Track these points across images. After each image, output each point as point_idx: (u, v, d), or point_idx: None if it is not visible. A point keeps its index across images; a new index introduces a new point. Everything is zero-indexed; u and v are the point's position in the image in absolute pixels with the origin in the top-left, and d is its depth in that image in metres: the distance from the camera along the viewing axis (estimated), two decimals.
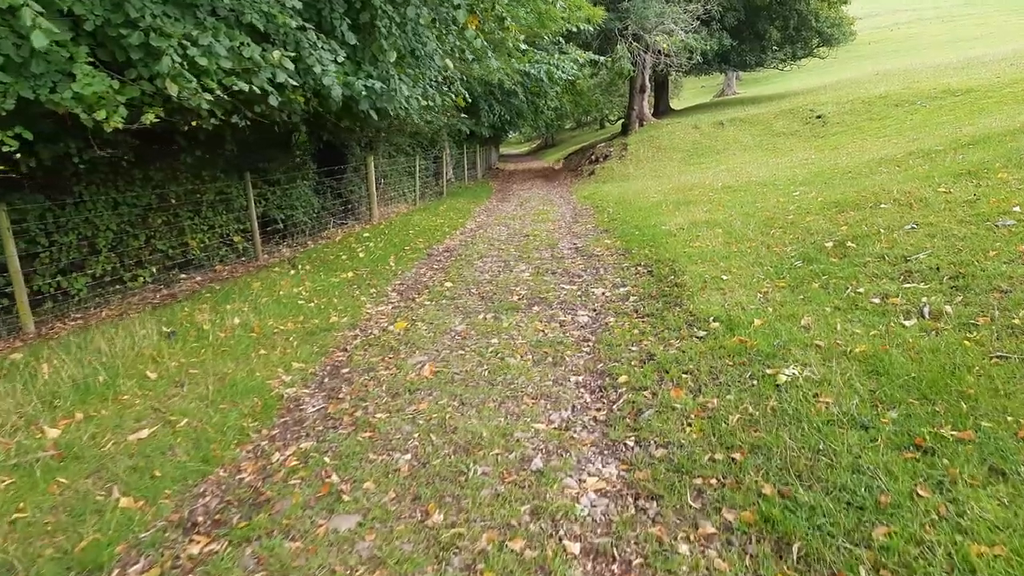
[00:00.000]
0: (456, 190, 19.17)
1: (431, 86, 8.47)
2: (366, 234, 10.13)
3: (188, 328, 5.14)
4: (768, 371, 3.37)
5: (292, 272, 7.35)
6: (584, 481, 2.75)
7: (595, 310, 5.27)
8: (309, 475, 3.00)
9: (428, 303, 5.89)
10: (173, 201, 8.55)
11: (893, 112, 15.34)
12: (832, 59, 29.35)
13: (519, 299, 5.76)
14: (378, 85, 6.38)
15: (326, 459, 3.12)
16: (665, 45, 20.88)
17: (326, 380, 4.23)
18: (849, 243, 5.12)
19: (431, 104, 7.95)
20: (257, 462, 3.20)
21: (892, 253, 4.63)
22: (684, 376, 3.59)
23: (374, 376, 4.18)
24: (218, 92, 4.89)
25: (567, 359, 4.19)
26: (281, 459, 3.21)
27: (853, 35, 26.15)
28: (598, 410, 3.44)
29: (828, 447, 2.61)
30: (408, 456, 3.08)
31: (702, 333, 4.16)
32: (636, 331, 4.53)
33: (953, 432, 2.53)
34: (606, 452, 2.99)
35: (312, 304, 5.90)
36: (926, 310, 3.66)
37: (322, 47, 6.02)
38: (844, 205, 6.31)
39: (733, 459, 2.69)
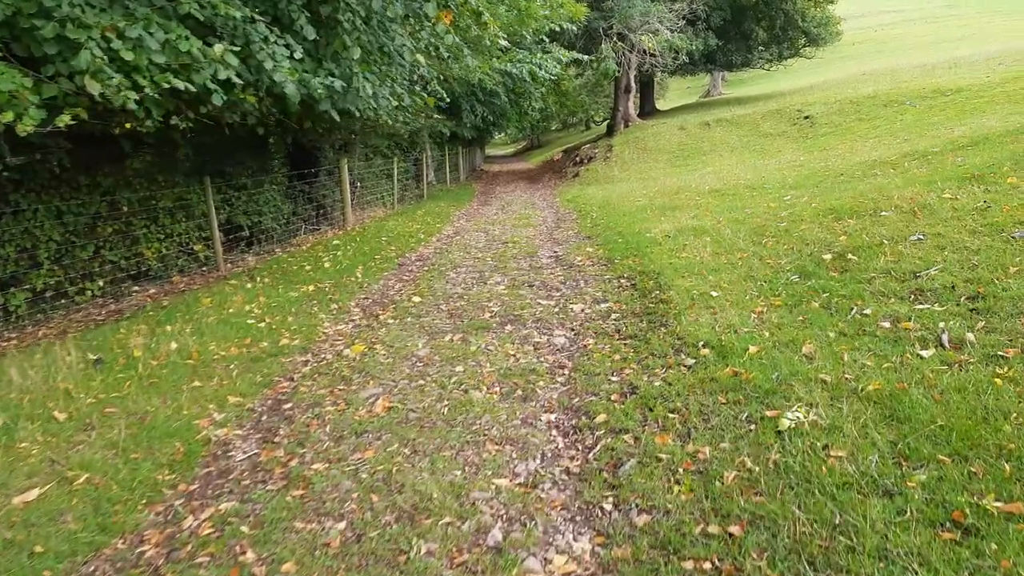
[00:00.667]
0: (437, 193, 18.65)
1: (401, 85, 7.96)
2: (336, 241, 9.58)
3: (118, 354, 4.59)
4: (768, 413, 2.89)
5: (249, 285, 6.81)
6: (550, 561, 2.26)
7: (573, 330, 4.79)
8: (220, 550, 2.48)
9: (392, 321, 5.37)
10: (125, 209, 7.97)
11: (882, 112, 15.03)
12: (817, 60, 29.16)
13: (491, 317, 5.26)
14: (338, 84, 5.85)
15: (244, 528, 2.60)
16: (650, 44, 20.50)
17: (264, 418, 3.71)
18: (850, 255, 4.67)
19: (401, 104, 7.42)
20: (165, 529, 2.68)
21: (899, 268, 4.19)
22: (671, 416, 3.11)
23: (319, 414, 3.66)
24: (148, 90, 4.35)
25: (539, 392, 3.70)
26: (194, 525, 2.68)
27: (839, 35, 25.94)
28: (572, 459, 2.95)
29: (846, 521, 2.13)
30: (342, 525, 2.57)
31: (691, 361, 3.69)
32: (617, 356, 4.05)
33: (997, 504, 2.07)
34: (579, 519, 2.50)
35: (263, 324, 5.36)
36: (945, 338, 3.21)
37: (275, 41, 5.49)
38: (841, 212, 5.88)
39: (730, 534, 2.21)
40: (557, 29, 16.10)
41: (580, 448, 3.03)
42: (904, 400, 2.73)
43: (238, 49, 4.86)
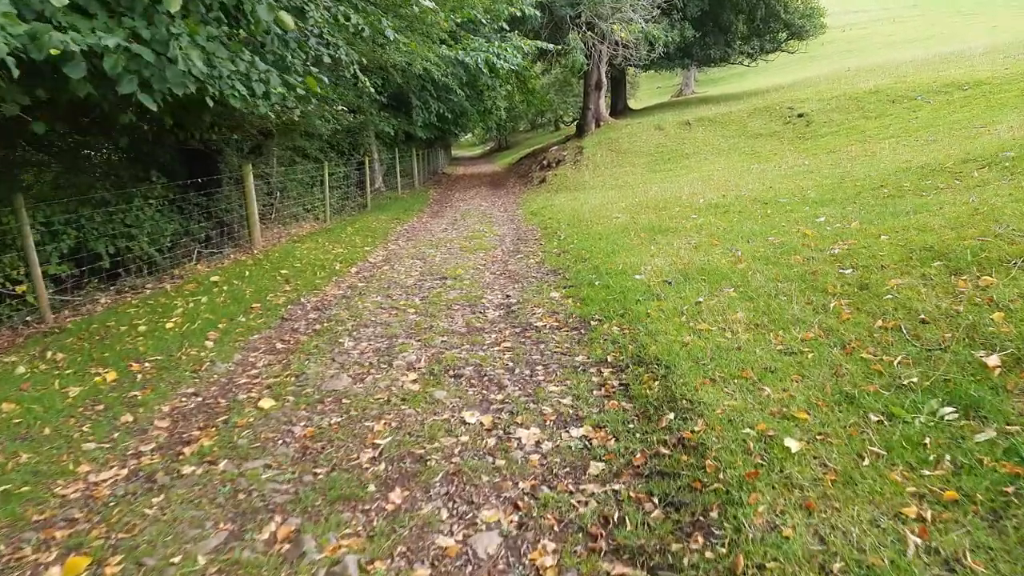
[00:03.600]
0: (384, 202, 16.17)
1: (289, 64, 5.55)
2: (215, 277, 7.09)
3: None
4: None
5: (22, 369, 4.32)
6: None
7: (517, 507, 2.47)
8: None
9: (190, 471, 2.96)
10: None
11: (890, 109, 13.09)
12: (789, 59, 27.48)
13: (372, 461, 2.90)
14: (113, 42, 3.41)
15: None
16: (623, 34, 18.36)
17: None
18: None
19: (271, 88, 4.99)
20: None
21: None
22: None
23: None
24: None
25: None
26: None
27: (824, 28, 24.19)
28: None
29: None
30: None
31: None
32: None
33: None
34: None
35: None
36: None
37: None
38: (951, 258, 3.67)
39: None
40: (518, 14, 13.79)
41: None
42: None
43: None
